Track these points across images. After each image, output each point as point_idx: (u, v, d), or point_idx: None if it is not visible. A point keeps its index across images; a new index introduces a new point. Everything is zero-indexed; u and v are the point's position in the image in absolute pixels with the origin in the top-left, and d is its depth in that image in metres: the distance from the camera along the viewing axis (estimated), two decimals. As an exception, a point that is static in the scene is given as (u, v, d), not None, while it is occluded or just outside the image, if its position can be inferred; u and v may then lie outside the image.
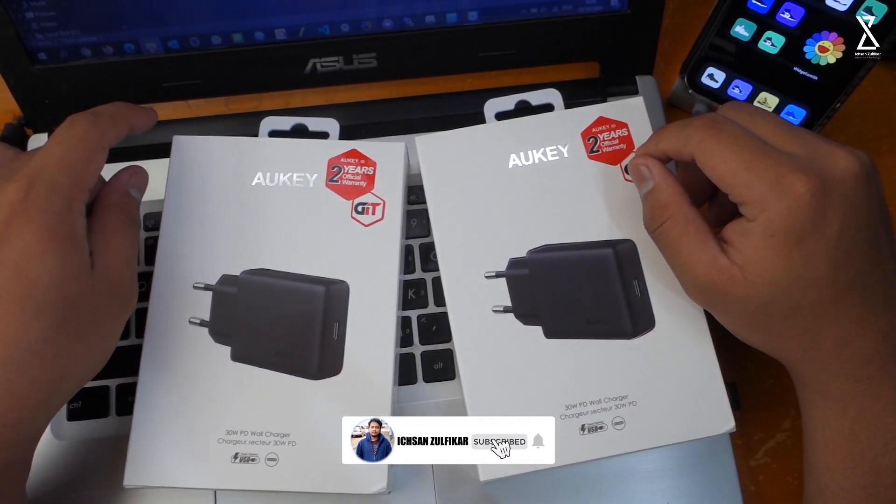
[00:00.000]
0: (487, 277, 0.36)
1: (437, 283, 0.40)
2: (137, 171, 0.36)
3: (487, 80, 0.47)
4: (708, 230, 0.31)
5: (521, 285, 0.35)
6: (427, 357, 0.39)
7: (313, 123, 0.40)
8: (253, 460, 0.33)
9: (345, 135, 0.40)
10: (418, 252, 0.41)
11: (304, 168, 0.38)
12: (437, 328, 0.39)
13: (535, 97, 0.41)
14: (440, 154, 0.38)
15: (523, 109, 0.40)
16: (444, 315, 0.36)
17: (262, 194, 0.37)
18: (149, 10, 0.40)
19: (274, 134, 0.40)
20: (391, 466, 0.34)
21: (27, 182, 0.29)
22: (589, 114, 0.38)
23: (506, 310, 0.35)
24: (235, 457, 0.33)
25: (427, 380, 0.39)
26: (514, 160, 0.38)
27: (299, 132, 0.40)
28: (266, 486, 0.33)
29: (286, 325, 0.35)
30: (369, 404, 0.34)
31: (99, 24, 0.41)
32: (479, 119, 0.40)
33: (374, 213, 0.37)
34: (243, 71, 0.44)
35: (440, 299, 0.39)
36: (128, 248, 0.33)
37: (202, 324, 0.35)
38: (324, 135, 0.40)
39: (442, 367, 0.39)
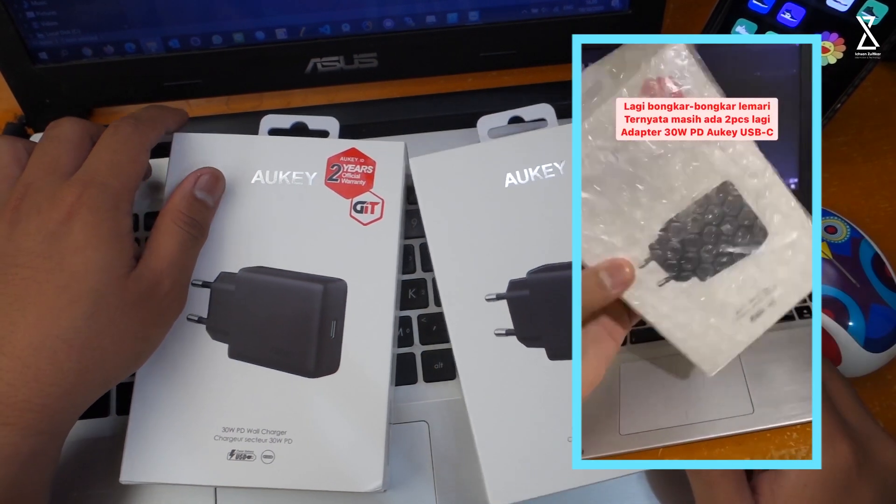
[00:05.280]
0: (488, 300, 0.35)
1: (437, 282, 0.40)
2: (206, 173, 0.36)
3: (488, 80, 0.48)
4: (745, 479, 0.32)
5: (523, 307, 0.35)
6: (427, 357, 0.39)
7: (313, 122, 0.40)
8: (249, 458, 0.33)
9: (345, 134, 0.40)
10: (418, 252, 0.41)
11: (303, 166, 0.38)
12: (437, 328, 0.39)
13: (527, 113, 0.40)
14: (435, 175, 0.38)
15: (517, 117, 0.40)
16: (445, 315, 0.36)
17: (262, 192, 0.37)
18: (150, 9, 0.41)
19: (274, 132, 0.40)
20: (387, 465, 0.34)
21: (81, 185, 0.31)
22: None
23: (508, 333, 0.35)
24: (232, 454, 0.33)
25: (427, 380, 0.39)
26: (510, 179, 0.37)
27: (299, 131, 0.40)
28: (262, 484, 0.33)
29: (283, 323, 0.35)
30: (366, 403, 0.34)
31: (100, 24, 0.41)
32: (476, 121, 0.40)
33: (372, 212, 0.37)
34: (244, 70, 0.44)
35: (440, 299, 0.39)
36: (176, 253, 0.33)
37: (200, 321, 0.35)
38: (324, 133, 0.40)
39: (442, 367, 0.39)
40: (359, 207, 0.37)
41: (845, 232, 0.42)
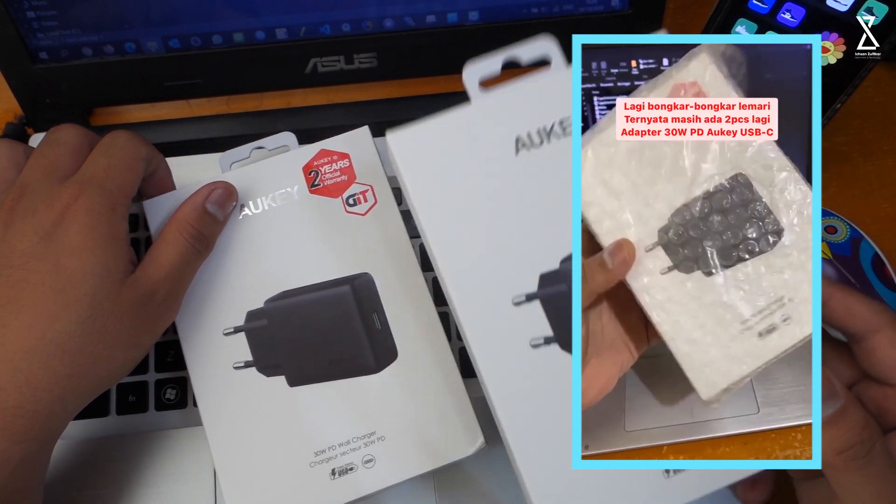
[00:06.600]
0: (516, 304, 0.29)
1: (437, 282, 0.39)
2: (219, 187, 0.36)
3: (488, 80, 0.47)
4: None
5: (560, 307, 0.29)
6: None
7: (270, 142, 0.40)
8: (351, 469, 0.33)
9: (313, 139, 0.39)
10: (418, 252, 0.41)
11: (282, 185, 0.37)
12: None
13: (526, 52, 0.32)
14: (422, 153, 0.31)
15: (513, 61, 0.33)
16: (446, 315, 0.36)
17: (254, 223, 0.37)
18: (150, 9, 0.41)
19: (236, 165, 0.40)
20: (481, 421, 0.34)
21: (78, 187, 0.31)
22: None
23: (547, 341, 0.29)
24: (333, 473, 0.33)
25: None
26: (520, 144, 0.30)
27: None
28: (373, 488, 0.33)
29: (328, 334, 0.35)
30: (437, 372, 0.34)
31: (100, 24, 0.41)
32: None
33: (366, 201, 0.37)
34: (244, 70, 0.44)
35: (441, 300, 0.39)
36: (176, 264, 0.33)
37: (247, 365, 0.35)
38: (284, 149, 0.40)
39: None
40: (351, 201, 0.37)
41: (845, 232, 0.42)
